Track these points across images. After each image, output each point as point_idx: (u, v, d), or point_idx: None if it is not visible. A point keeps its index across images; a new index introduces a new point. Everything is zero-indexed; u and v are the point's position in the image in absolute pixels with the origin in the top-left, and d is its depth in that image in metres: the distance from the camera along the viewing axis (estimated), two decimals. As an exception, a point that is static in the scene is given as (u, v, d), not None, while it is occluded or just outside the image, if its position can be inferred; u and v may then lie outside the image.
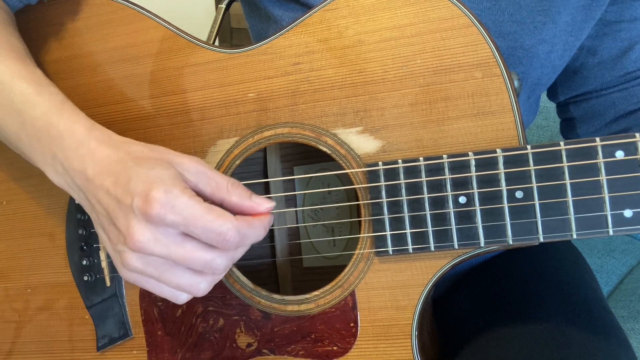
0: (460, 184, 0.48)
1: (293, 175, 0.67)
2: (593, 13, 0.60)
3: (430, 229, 0.49)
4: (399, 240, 0.50)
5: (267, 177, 0.67)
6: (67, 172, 0.49)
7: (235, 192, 0.47)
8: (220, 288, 0.56)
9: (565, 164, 0.46)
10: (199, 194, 0.46)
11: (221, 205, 0.47)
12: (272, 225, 0.67)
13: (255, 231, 0.46)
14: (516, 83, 0.48)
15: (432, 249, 0.49)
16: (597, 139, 0.45)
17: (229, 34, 1.51)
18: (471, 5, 0.54)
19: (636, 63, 0.64)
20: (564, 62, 0.63)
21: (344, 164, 0.52)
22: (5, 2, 0.56)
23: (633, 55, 0.63)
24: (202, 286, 0.46)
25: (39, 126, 0.50)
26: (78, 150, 0.48)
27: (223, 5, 0.70)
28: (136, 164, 0.45)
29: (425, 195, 0.49)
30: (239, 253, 0.47)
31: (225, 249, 0.45)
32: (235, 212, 0.47)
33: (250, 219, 0.46)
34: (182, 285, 0.46)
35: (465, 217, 0.48)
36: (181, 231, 0.44)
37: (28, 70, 0.52)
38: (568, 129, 0.71)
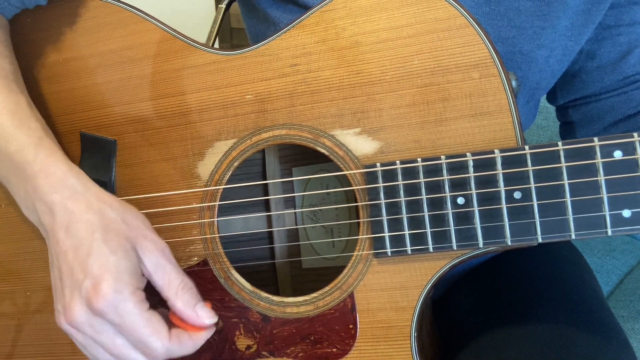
0: (459, 185, 0.48)
1: (292, 176, 0.67)
2: (593, 17, 0.60)
3: (428, 230, 0.49)
4: (397, 241, 0.49)
5: (265, 179, 0.67)
6: (37, 212, 0.50)
7: (182, 298, 0.48)
8: (219, 290, 0.56)
9: (563, 164, 0.45)
10: (151, 283, 0.49)
11: (167, 302, 0.49)
12: (271, 227, 0.67)
13: (184, 350, 0.49)
14: (514, 83, 0.48)
15: (431, 250, 0.49)
16: (595, 139, 0.45)
17: (229, 34, 1.51)
18: (470, 10, 0.54)
19: (635, 67, 0.64)
20: (564, 66, 0.63)
21: (342, 166, 0.52)
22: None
23: (632, 59, 0.63)
24: None
25: (15, 162, 0.50)
26: (50, 194, 0.48)
27: (223, 5, 0.70)
28: (102, 239, 0.47)
29: (424, 197, 0.48)
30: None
31: (149, 357, 0.48)
32: (177, 315, 0.49)
33: (184, 338, 0.48)
34: None
35: (463, 218, 0.48)
36: (116, 328, 0.47)
37: (12, 100, 0.51)
38: (567, 132, 0.71)
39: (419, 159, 0.49)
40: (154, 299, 0.49)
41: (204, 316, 0.49)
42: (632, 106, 0.65)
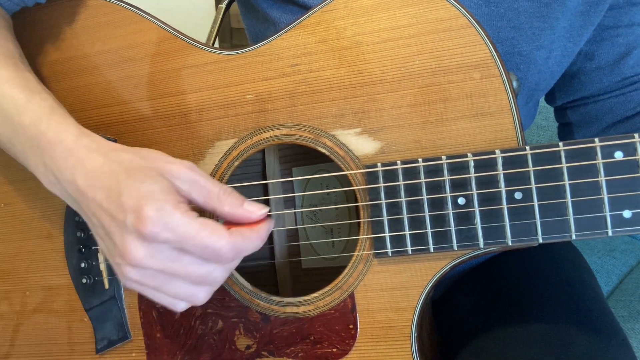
0: (459, 185, 0.48)
1: (292, 176, 0.67)
2: (592, 19, 0.60)
3: (429, 230, 0.49)
4: (398, 241, 0.49)
5: (265, 179, 0.67)
6: (59, 182, 0.49)
7: (227, 201, 0.47)
8: (219, 290, 0.55)
9: (564, 164, 0.45)
10: (191, 202, 0.47)
11: (214, 213, 0.47)
12: (273, 223, 0.67)
13: (250, 243, 0.46)
14: (515, 84, 0.48)
15: (432, 250, 0.49)
16: (596, 139, 0.45)
17: (229, 34, 1.51)
18: (469, 11, 0.54)
19: (634, 68, 0.64)
20: (562, 67, 0.63)
21: (342, 166, 0.52)
22: (1, 5, 0.55)
23: (630, 60, 0.63)
24: (200, 296, 0.47)
25: (30, 134, 0.49)
26: (67, 160, 0.48)
27: (223, 5, 0.70)
28: (127, 177, 0.45)
29: (424, 197, 0.48)
30: (236, 263, 0.47)
31: (221, 263, 0.46)
32: (228, 220, 0.47)
33: (245, 231, 0.46)
34: (180, 296, 0.47)
35: (464, 218, 0.48)
36: (176, 246, 0.45)
37: (20, 75, 0.51)
38: (566, 133, 0.71)
39: (420, 159, 0.49)
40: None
41: (255, 209, 0.47)
42: (630, 107, 0.65)
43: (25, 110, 0.50)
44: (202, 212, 0.47)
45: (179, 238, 0.44)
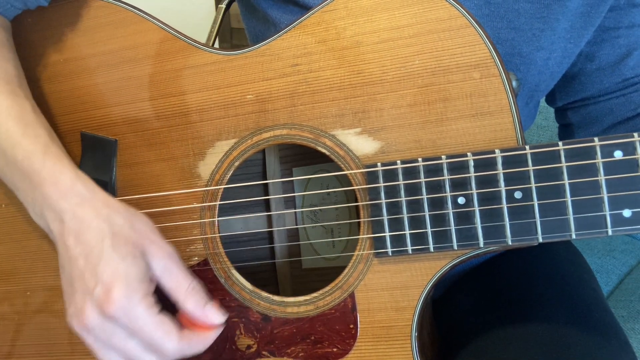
0: (459, 185, 0.48)
1: (292, 176, 0.67)
2: (592, 20, 0.60)
3: (429, 229, 0.49)
4: (398, 241, 0.50)
5: (266, 179, 0.67)
6: (45, 219, 0.50)
7: (192, 299, 0.50)
8: (219, 290, 0.56)
9: (564, 164, 0.45)
10: (160, 286, 0.49)
11: (176, 304, 0.50)
12: (272, 227, 0.67)
13: (194, 349, 0.50)
14: (514, 83, 0.48)
15: (432, 249, 0.49)
16: (596, 139, 0.45)
17: (229, 34, 1.51)
18: (470, 11, 0.55)
19: (634, 69, 0.64)
20: (563, 68, 0.63)
21: (342, 165, 0.52)
22: (0, 13, 0.55)
23: (631, 61, 0.63)
24: None
25: (22, 169, 0.50)
26: (59, 202, 0.49)
27: (223, 5, 0.70)
28: (111, 245, 0.47)
29: (424, 196, 0.49)
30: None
31: (161, 358, 0.49)
32: (188, 316, 0.50)
33: (193, 338, 0.49)
34: None
35: (464, 217, 0.48)
36: (128, 332, 0.47)
37: (17, 105, 0.51)
38: (566, 134, 0.71)
39: (420, 159, 0.49)
40: (161, 303, 0.50)
41: (214, 315, 0.50)
42: (631, 108, 0.65)
43: (19, 144, 0.50)
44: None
45: (134, 328, 0.47)
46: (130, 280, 0.47)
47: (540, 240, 0.47)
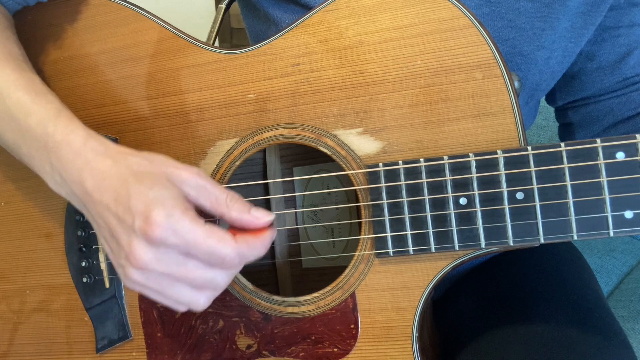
0: (461, 185, 0.48)
1: (293, 176, 0.66)
2: (593, 19, 0.60)
3: (430, 230, 0.49)
4: (399, 241, 0.49)
5: (266, 178, 0.67)
6: (66, 183, 0.49)
7: (235, 207, 0.47)
8: (220, 289, 0.56)
9: (565, 165, 0.45)
10: (199, 207, 0.47)
11: (221, 218, 0.48)
12: (276, 229, 0.67)
13: (255, 251, 0.47)
14: (516, 84, 0.48)
15: (433, 250, 0.49)
16: (598, 140, 0.45)
17: (229, 34, 1.51)
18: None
19: (634, 69, 0.64)
20: (563, 68, 0.63)
21: (344, 165, 0.52)
22: (3, 4, 0.55)
23: (631, 60, 0.63)
24: (201, 301, 0.47)
25: (36, 135, 0.49)
26: (75, 161, 0.48)
27: (223, 5, 0.70)
28: (135, 181, 0.46)
29: (426, 197, 0.48)
30: (239, 269, 0.48)
31: (225, 269, 0.46)
32: (235, 226, 0.48)
33: (250, 238, 0.47)
34: (182, 300, 0.47)
35: (465, 218, 0.48)
36: (182, 251, 0.45)
37: (25, 77, 0.51)
38: (566, 133, 0.71)
39: (422, 159, 0.49)
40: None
41: (262, 216, 0.48)
42: (631, 108, 0.65)
43: (31, 112, 0.50)
44: (208, 218, 0.48)
45: (186, 244, 0.44)
46: (165, 201, 0.45)
47: (542, 241, 0.47)
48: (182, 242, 0.44)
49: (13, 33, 0.56)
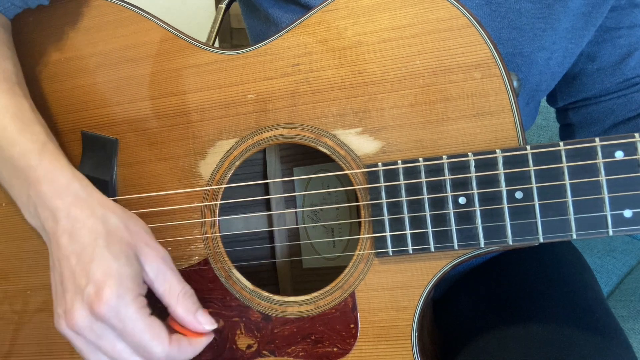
0: (460, 185, 0.48)
1: (293, 176, 0.67)
2: (593, 20, 0.60)
3: (430, 229, 0.49)
4: (399, 241, 0.50)
5: (266, 178, 0.67)
6: (39, 217, 0.50)
7: (183, 304, 0.49)
8: (220, 289, 0.56)
9: (564, 164, 0.46)
10: (152, 289, 0.49)
11: (167, 308, 0.49)
12: (272, 226, 0.67)
13: (184, 355, 0.49)
14: (515, 84, 0.48)
15: (432, 249, 0.49)
16: (597, 139, 0.45)
17: (229, 34, 1.51)
18: (471, 11, 0.55)
19: (635, 70, 0.64)
20: (564, 69, 0.63)
21: (343, 165, 0.52)
22: (1, 11, 0.55)
23: (632, 61, 0.63)
24: None
25: (18, 166, 0.50)
26: (53, 200, 0.49)
27: (223, 5, 0.70)
28: (105, 244, 0.47)
29: (425, 196, 0.49)
30: None
31: None
32: (178, 321, 0.50)
33: (184, 342, 0.49)
34: None
35: (465, 217, 0.48)
36: (116, 333, 0.47)
37: (15, 103, 0.51)
38: (567, 134, 0.71)
39: (421, 159, 0.49)
40: (152, 307, 0.49)
41: (205, 322, 0.50)
42: (632, 109, 0.65)
43: (16, 142, 0.50)
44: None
45: (124, 329, 0.46)
46: (122, 280, 0.46)
47: (541, 240, 0.47)
48: (120, 326, 0.46)
49: (9, 48, 0.56)
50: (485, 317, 0.62)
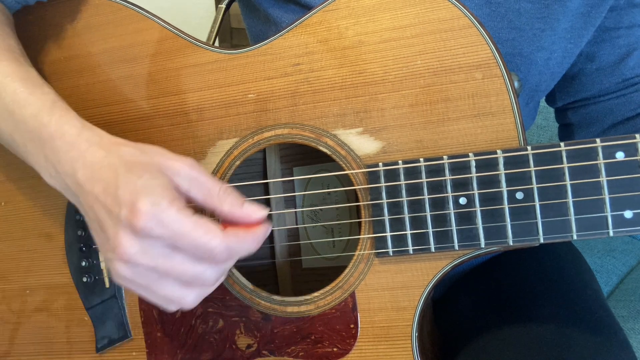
0: (461, 185, 0.48)
1: (293, 176, 0.67)
2: (592, 20, 0.60)
3: (430, 230, 0.49)
4: (399, 241, 0.50)
5: (266, 178, 0.67)
6: (60, 175, 0.48)
7: (227, 201, 0.46)
8: (220, 289, 0.56)
9: (565, 165, 0.46)
10: (191, 200, 0.46)
11: (213, 212, 0.46)
12: (272, 226, 0.67)
13: (245, 245, 0.45)
14: (516, 84, 0.48)
15: (433, 250, 0.49)
16: (598, 140, 0.45)
17: (229, 34, 1.51)
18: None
19: (634, 69, 0.64)
20: (563, 69, 0.63)
21: (344, 165, 0.52)
22: (3, 2, 0.55)
23: (631, 61, 0.63)
24: (189, 299, 0.46)
25: (31, 127, 0.49)
26: (69, 152, 0.47)
27: (223, 5, 0.70)
28: (126, 170, 0.45)
29: (426, 196, 0.48)
30: (229, 264, 0.47)
31: (214, 263, 0.45)
32: (227, 220, 0.46)
33: (240, 232, 0.45)
34: (170, 297, 0.46)
35: (465, 218, 0.48)
36: (169, 244, 0.44)
37: (22, 69, 0.51)
38: (566, 134, 0.71)
39: (421, 159, 0.49)
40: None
41: (255, 211, 0.46)
42: (631, 108, 0.65)
43: (26, 103, 0.50)
44: (201, 212, 0.47)
45: (173, 235, 0.43)
46: (152, 190, 0.43)
47: (542, 241, 0.47)
48: (168, 233, 0.43)
49: (11, 29, 0.56)
50: (485, 317, 0.62)
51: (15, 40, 0.55)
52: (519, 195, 0.47)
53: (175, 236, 0.43)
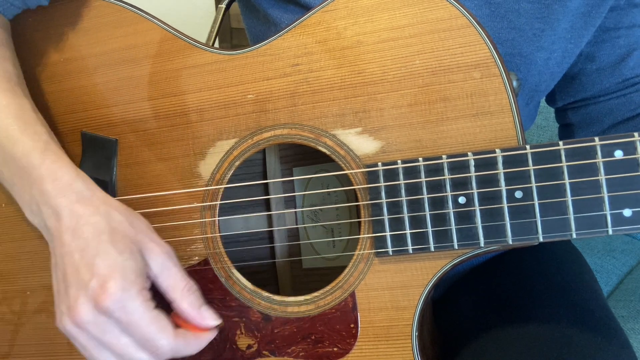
0: (460, 184, 0.48)
1: (292, 176, 0.67)
2: (593, 20, 0.60)
3: (430, 229, 0.49)
4: (398, 240, 0.50)
5: (266, 179, 0.67)
6: (42, 215, 0.50)
7: (188, 299, 0.49)
8: (220, 290, 0.56)
9: (564, 163, 0.46)
10: (157, 285, 0.49)
11: (172, 304, 0.49)
12: (272, 226, 0.67)
13: (189, 349, 0.49)
14: (515, 83, 0.48)
15: (432, 249, 0.49)
16: (596, 138, 0.45)
17: (229, 34, 1.51)
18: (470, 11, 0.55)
19: (634, 70, 0.64)
20: (563, 69, 0.63)
21: (343, 165, 0.52)
22: (0, 12, 0.55)
23: (631, 61, 0.63)
24: None
25: (20, 165, 0.50)
26: (57, 198, 0.49)
27: (223, 5, 0.70)
28: (109, 239, 0.47)
29: (425, 196, 0.49)
30: (168, 357, 0.49)
31: (154, 356, 0.48)
32: (181, 315, 0.49)
33: (189, 337, 0.49)
34: None
35: (464, 217, 0.48)
36: (122, 327, 0.46)
37: (16, 103, 0.51)
38: (566, 134, 0.71)
39: (421, 159, 0.49)
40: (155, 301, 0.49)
41: (209, 317, 0.50)
42: (631, 108, 0.65)
43: (18, 141, 0.50)
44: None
45: (129, 323, 0.46)
46: (127, 273, 0.46)
47: (541, 239, 0.47)
48: (126, 319, 0.46)
49: (9, 49, 0.56)
50: (486, 317, 0.62)
51: (13, 63, 0.55)
52: (518, 194, 0.47)
53: (131, 325, 0.46)
